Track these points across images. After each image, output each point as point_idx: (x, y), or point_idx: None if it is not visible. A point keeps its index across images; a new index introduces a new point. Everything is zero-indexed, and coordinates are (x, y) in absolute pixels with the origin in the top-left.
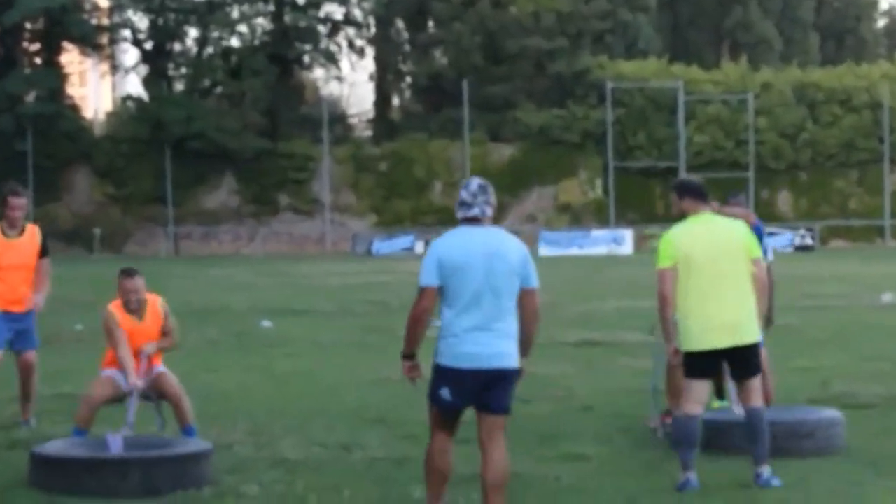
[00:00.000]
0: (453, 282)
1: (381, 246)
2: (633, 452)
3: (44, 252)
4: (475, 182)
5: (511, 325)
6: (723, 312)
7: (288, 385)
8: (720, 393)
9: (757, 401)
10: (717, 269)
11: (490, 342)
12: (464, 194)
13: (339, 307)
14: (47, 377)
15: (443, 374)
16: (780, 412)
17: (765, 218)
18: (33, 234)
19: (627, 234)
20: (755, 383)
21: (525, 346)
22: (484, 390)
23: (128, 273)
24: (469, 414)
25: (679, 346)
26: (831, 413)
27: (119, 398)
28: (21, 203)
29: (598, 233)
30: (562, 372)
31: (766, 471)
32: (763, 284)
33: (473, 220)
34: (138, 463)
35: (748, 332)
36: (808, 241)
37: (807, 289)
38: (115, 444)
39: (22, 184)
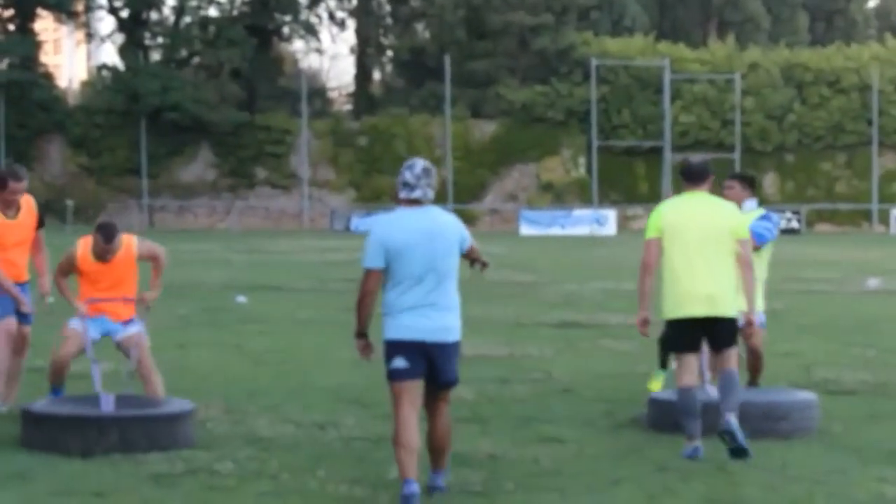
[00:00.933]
0: (397, 263)
1: (360, 222)
2: (613, 436)
3: (40, 223)
4: (419, 164)
5: (453, 299)
6: (700, 284)
7: (263, 363)
8: (664, 364)
9: (732, 365)
10: (699, 244)
11: (433, 316)
12: (408, 175)
13: (317, 284)
14: None
15: (393, 347)
16: (756, 394)
17: None
18: (29, 207)
19: (610, 214)
20: (730, 352)
21: (475, 253)
22: (431, 362)
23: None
24: None
25: (649, 316)
26: (807, 395)
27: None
28: (21, 187)
29: (580, 212)
30: (541, 353)
31: (733, 418)
32: (746, 263)
33: (415, 202)
34: (116, 421)
35: (724, 305)
36: (794, 225)
37: (792, 273)
38: (107, 403)
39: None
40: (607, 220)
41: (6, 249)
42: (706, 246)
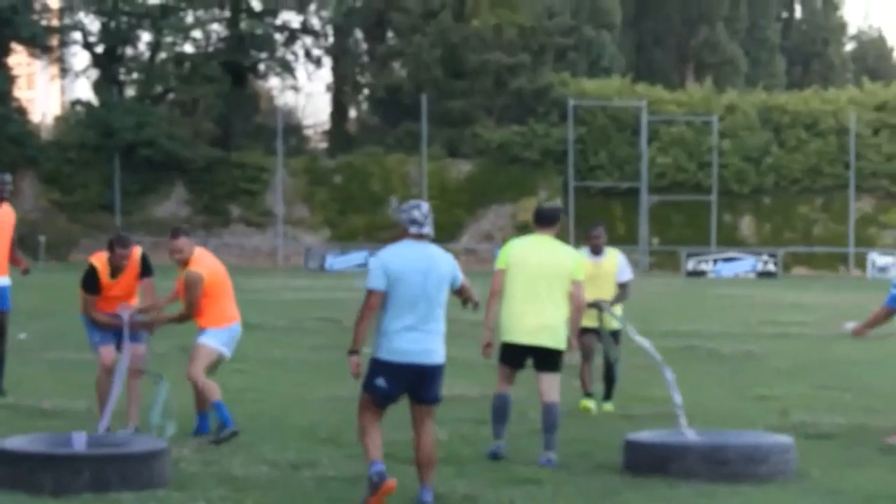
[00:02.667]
0: (395, 288)
1: (335, 261)
2: (589, 478)
3: (145, 272)
4: (425, 205)
5: (440, 325)
6: (529, 316)
7: (237, 402)
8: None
9: (552, 397)
10: (534, 280)
11: (421, 340)
12: (416, 214)
13: (292, 323)
14: None
15: (380, 367)
16: (735, 437)
17: (727, 242)
18: (133, 264)
19: (586, 255)
20: (550, 380)
21: (469, 293)
22: (416, 382)
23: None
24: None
25: (492, 339)
26: (784, 439)
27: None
28: (125, 254)
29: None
30: (516, 395)
31: (552, 456)
32: (578, 303)
33: (422, 237)
34: (89, 460)
35: (548, 337)
36: (771, 268)
37: (768, 316)
38: (79, 441)
39: None
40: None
41: (107, 300)
42: (539, 282)
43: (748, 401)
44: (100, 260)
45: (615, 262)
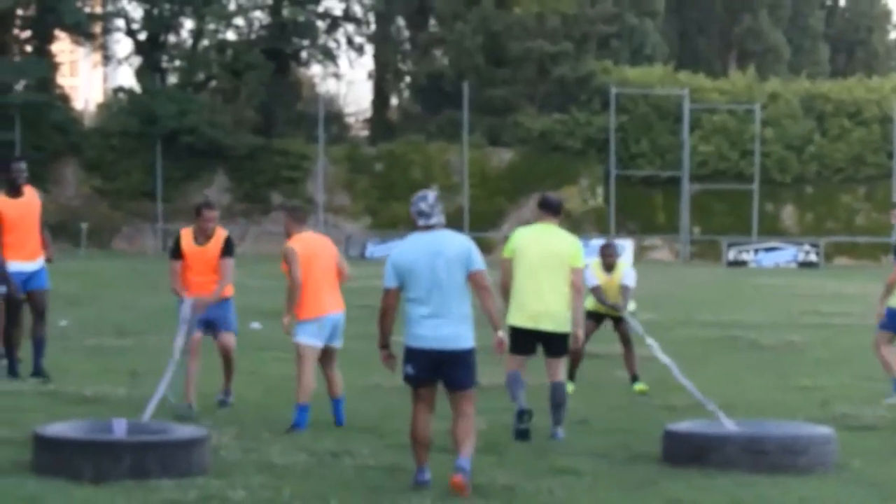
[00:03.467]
0: (408, 280)
1: (376, 249)
2: (628, 468)
3: (226, 252)
4: (431, 195)
5: (461, 309)
6: (533, 302)
7: (277, 390)
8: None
9: (559, 376)
10: (536, 268)
11: (440, 326)
12: (423, 206)
13: None
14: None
15: (407, 354)
16: (774, 428)
17: (768, 232)
18: (219, 238)
19: (628, 244)
20: (556, 363)
21: (491, 318)
22: (442, 368)
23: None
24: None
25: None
26: (824, 430)
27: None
28: (213, 216)
29: (597, 242)
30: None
31: (560, 430)
32: (577, 289)
33: (430, 228)
34: (129, 447)
35: (549, 322)
36: (813, 258)
37: (810, 306)
38: (120, 428)
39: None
40: (625, 250)
41: (194, 273)
42: (540, 269)
43: (789, 392)
44: (186, 231)
45: (622, 273)
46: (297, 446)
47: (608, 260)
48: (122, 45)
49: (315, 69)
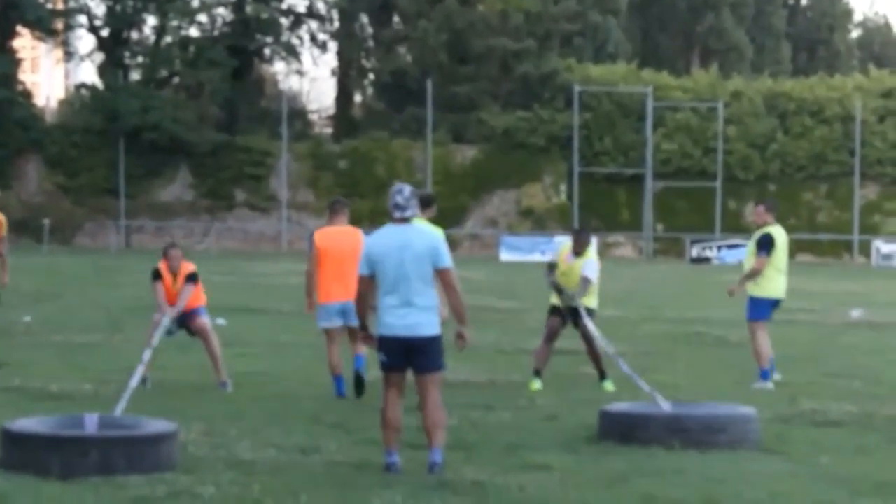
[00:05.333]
0: (378, 270)
1: None
2: (598, 463)
3: (187, 280)
4: (406, 188)
5: (426, 300)
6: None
7: (244, 386)
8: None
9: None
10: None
11: (406, 315)
12: (399, 199)
13: (297, 307)
14: None
15: (379, 343)
16: (698, 408)
17: (731, 229)
18: (183, 273)
19: (592, 241)
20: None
21: (456, 315)
22: (409, 354)
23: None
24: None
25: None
26: (747, 410)
27: None
28: (177, 254)
29: (560, 239)
30: (525, 380)
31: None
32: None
33: (404, 220)
34: (97, 442)
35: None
36: None
37: None
38: (90, 423)
39: None
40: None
41: (169, 298)
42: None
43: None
44: (163, 264)
45: (584, 263)
46: (266, 442)
47: (578, 248)
48: (85, 41)
49: (278, 66)
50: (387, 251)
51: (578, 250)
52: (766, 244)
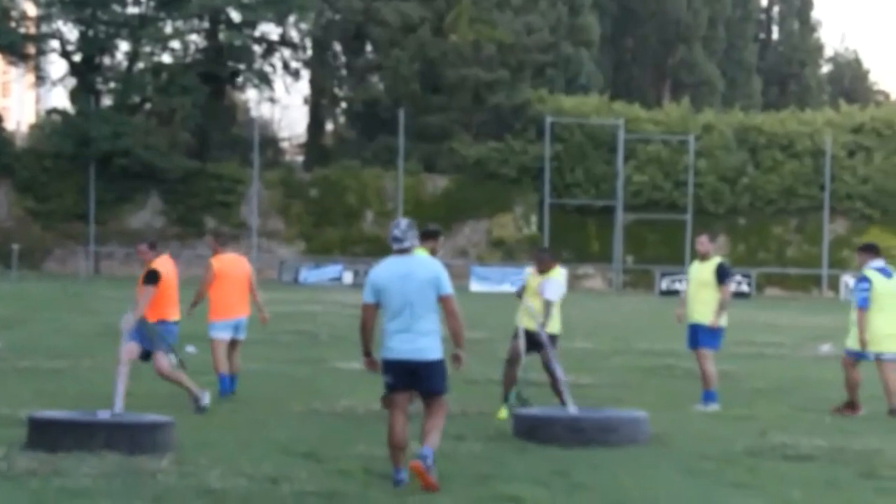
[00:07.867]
0: (383, 298)
1: (309, 274)
2: (570, 496)
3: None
4: (404, 221)
5: (428, 325)
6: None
7: (213, 414)
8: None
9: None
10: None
11: (410, 340)
12: (396, 232)
13: (266, 336)
14: None
15: (384, 365)
16: (594, 412)
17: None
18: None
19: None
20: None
21: (455, 338)
22: (414, 377)
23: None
24: None
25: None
26: (637, 413)
27: None
28: (142, 249)
29: (531, 270)
30: (495, 411)
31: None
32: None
33: (404, 251)
34: (103, 426)
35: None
36: (745, 288)
37: (743, 336)
38: (103, 416)
39: None
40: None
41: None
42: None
43: (727, 421)
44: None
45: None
46: (236, 471)
47: (540, 267)
48: (57, 66)
49: (251, 93)
50: (390, 281)
51: (542, 269)
52: (729, 273)
